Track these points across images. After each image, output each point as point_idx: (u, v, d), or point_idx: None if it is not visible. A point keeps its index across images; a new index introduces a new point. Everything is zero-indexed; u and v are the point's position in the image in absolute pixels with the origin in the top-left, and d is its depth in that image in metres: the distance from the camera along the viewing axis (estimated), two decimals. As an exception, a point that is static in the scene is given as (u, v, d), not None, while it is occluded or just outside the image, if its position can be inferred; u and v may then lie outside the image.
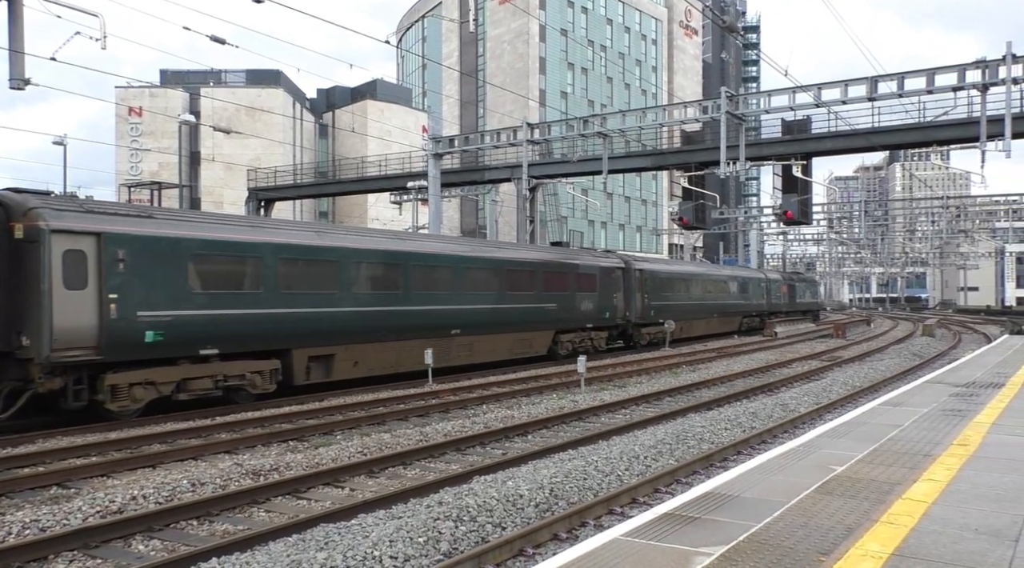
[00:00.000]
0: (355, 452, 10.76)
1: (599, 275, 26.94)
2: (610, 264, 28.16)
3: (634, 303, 29.10)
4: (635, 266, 29.70)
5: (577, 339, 25.93)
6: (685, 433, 11.70)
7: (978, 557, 4.54)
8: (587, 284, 26.11)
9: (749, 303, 43.37)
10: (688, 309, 34.32)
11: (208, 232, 14.68)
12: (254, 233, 15.65)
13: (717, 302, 38.32)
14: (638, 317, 29.46)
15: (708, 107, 28.43)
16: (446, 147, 34.38)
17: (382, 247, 18.59)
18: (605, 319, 27.24)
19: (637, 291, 29.32)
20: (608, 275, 27.56)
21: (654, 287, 30.71)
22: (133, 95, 61.07)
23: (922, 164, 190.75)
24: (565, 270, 25.05)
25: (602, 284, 27.03)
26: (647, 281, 30.18)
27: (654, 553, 4.73)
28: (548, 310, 23.86)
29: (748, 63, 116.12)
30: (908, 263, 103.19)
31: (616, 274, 28.12)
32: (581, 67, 75.08)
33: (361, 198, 61.31)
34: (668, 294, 32.03)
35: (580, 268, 25.83)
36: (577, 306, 25.39)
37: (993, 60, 23.27)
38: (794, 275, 55.00)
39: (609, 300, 27.42)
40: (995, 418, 9.54)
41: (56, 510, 7.86)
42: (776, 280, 48.75)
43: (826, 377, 20.53)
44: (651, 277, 30.71)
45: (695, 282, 35.69)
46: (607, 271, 27.61)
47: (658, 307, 30.92)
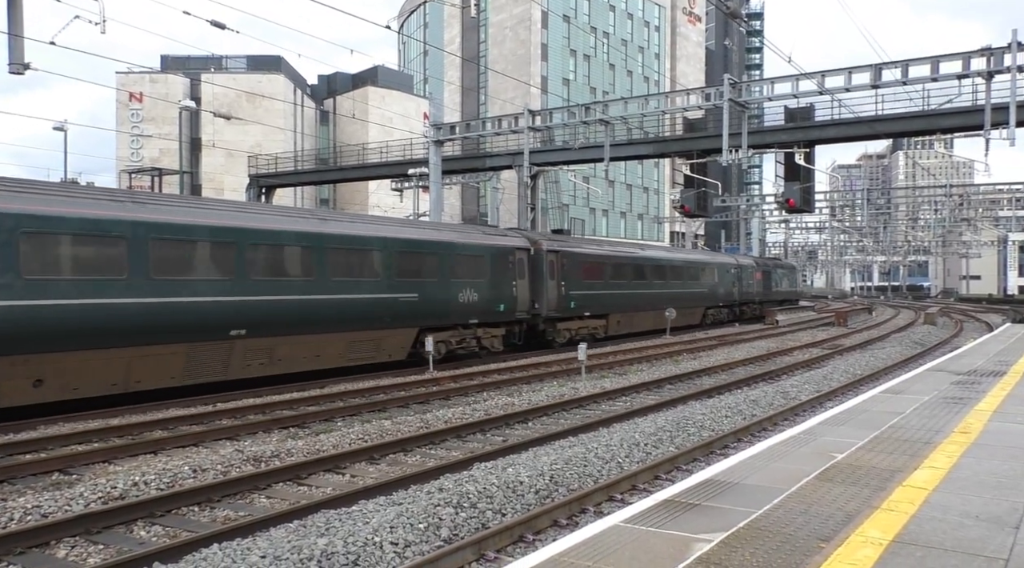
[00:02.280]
0: (356, 438, 10.79)
1: (490, 257, 21.61)
2: (507, 244, 22.62)
3: (545, 292, 23.87)
4: (546, 247, 24.32)
5: (455, 339, 20.58)
6: (685, 420, 11.71)
7: (978, 544, 4.54)
8: (470, 269, 20.81)
9: (715, 292, 37.92)
10: (626, 300, 29.19)
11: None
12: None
13: (669, 291, 32.71)
14: (552, 310, 24.30)
15: (711, 94, 28.31)
16: (447, 134, 34.28)
17: (90, 213, 12.82)
18: (499, 313, 21.92)
19: (550, 278, 24.18)
20: (504, 258, 22.18)
21: (574, 273, 25.55)
22: (133, 81, 60.88)
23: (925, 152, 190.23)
24: (432, 250, 19.65)
25: (495, 269, 21.72)
26: (565, 266, 24.95)
27: (654, 539, 4.73)
28: (404, 303, 18.54)
29: (751, 50, 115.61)
30: (910, 251, 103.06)
31: (517, 257, 22.80)
32: (583, 54, 74.74)
33: (362, 185, 61.23)
34: (596, 281, 26.91)
35: (458, 248, 20.50)
36: (453, 297, 20.12)
37: (998, 48, 23.15)
38: (770, 260, 49.74)
39: (505, 289, 22.10)
40: (997, 406, 9.53)
41: (58, 496, 7.88)
42: (749, 266, 43.28)
43: (827, 365, 20.53)
44: (570, 261, 25.38)
45: (636, 267, 30.43)
46: (502, 253, 22.15)
47: (581, 297, 25.87)
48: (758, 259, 47.53)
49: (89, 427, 11.62)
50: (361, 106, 65.67)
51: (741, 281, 41.25)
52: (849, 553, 4.37)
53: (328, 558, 5.79)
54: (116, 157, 61.53)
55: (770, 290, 46.56)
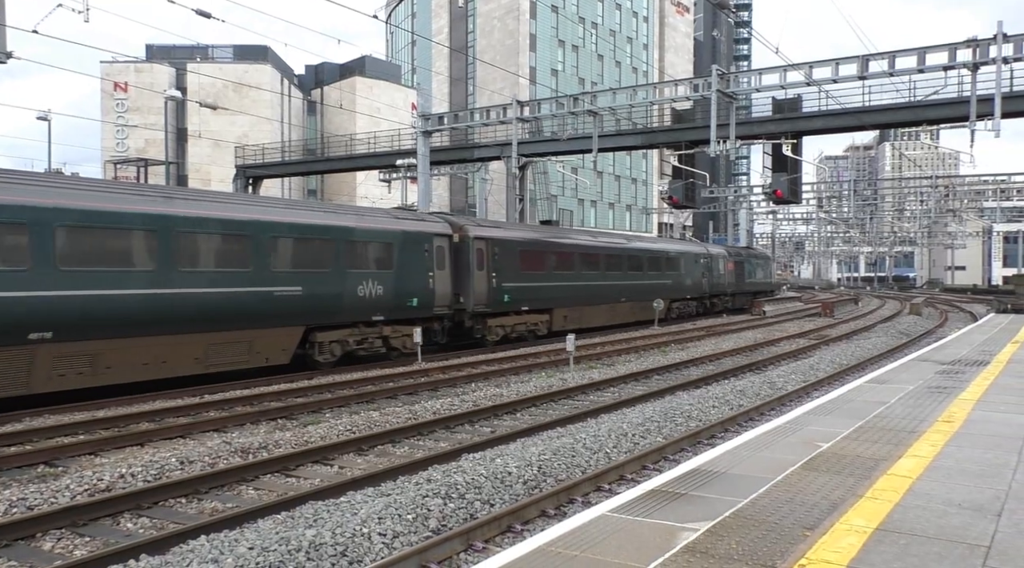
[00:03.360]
0: (344, 430, 10.78)
1: (399, 245, 19.06)
2: (420, 229, 19.94)
3: (472, 285, 21.39)
4: (473, 233, 21.69)
5: (355, 338, 18.11)
6: (673, 411, 11.76)
7: (961, 531, 4.59)
8: (373, 258, 18.31)
9: (680, 283, 34.79)
10: (575, 293, 26.45)
11: None
12: None
13: (627, 283, 29.88)
14: (481, 304, 21.80)
15: (699, 85, 28.33)
16: (435, 125, 34.18)
17: None
18: (411, 308, 19.37)
19: (478, 268, 21.67)
20: (417, 245, 19.63)
21: (510, 263, 22.89)
22: (118, 70, 60.36)
23: (912, 144, 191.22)
24: (321, 236, 17.07)
25: (405, 258, 19.19)
26: (497, 255, 22.35)
27: (641, 528, 4.76)
28: (284, 297, 16.12)
29: (739, 41, 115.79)
30: (896, 242, 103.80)
31: (435, 244, 20.26)
32: (572, 44, 74.58)
33: (350, 176, 61.03)
34: (536, 272, 24.26)
35: (356, 234, 17.92)
36: (349, 290, 17.62)
37: (984, 39, 23.27)
38: (744, 250, 46.48)
39: (419, 281, 19.54)
40: (980, 395, 9.63)
41: (43, 488, 7.85)
42: (720, 256, 40.05)
43: (813, 355, 20.66)
44: (503, 249, 22.69)
45: (586, 257, 27.43)
46: (414, 239, 19.59)
47: (517, 291, 23.17)
48: (730, 248, 44.39)
49: (75, 419, 11.56)
50: (349, 96, 65.36)
51: (711, 272, 38.39)
52: (833, 541, 4.41)
53: (316, 549, 5.79)
54: (101, 147, 61.02)
55: (743, 281, 43.40)
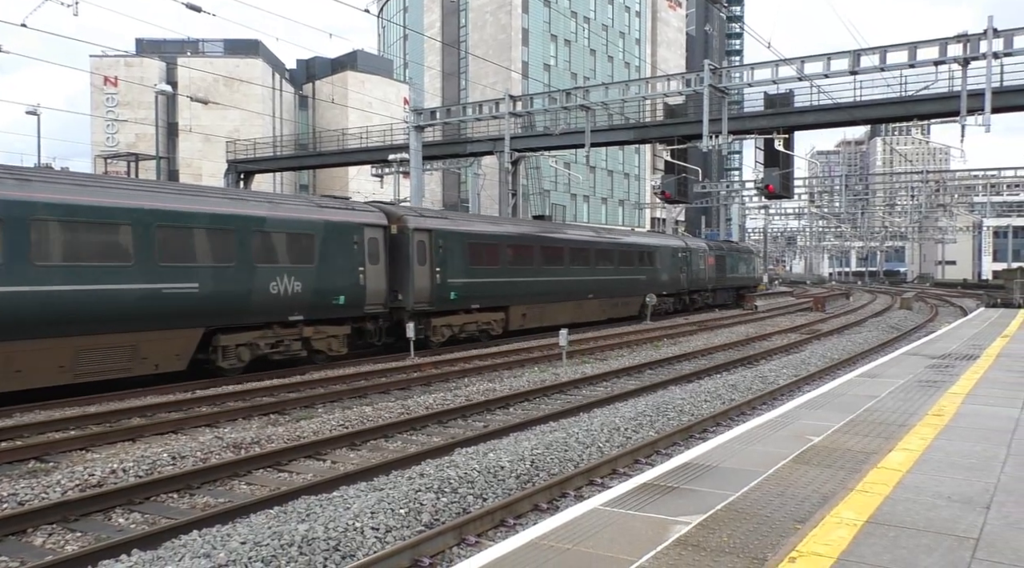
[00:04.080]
0: (337, 425, 10.78)
1: (321, 236, 17.20)
2: (348, 219, 18.04)
3: (411, 281, 19.55)
4: (413, 224, 19.80)
5: (267, 341, 16.20)
6: (665, 405, 11.80)
7: (950, 524, 4.62)
8: (288, 250, 16.44)
9: (655, 278, 33.11)
10: (534, 289, 24.64)
11: None
12: None
13: (595, 278, 28.17)
14: (423, 302, 19.96)
15: (691, 80, 28.33)
16: (428, 119, 34.10)
17: None
18: (337, 307, 17.56)
19: (420, 263, 19.87)
20: (344, 237, 17.76)
21: (457, 256, 21.24)
22: (108, 64, 59.92)
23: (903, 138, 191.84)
24: (222, 225, 15.14)
25: (329, 251, 17.35)
26: (442, 248, 20.61)
27: (633, 522, 4.78)
28: (176, 295, 14.14)
29: (732, 36, 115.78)
30: (887, 237, 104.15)
31: (367, 236, 18.36)
32: (564, 39, 74.46)
33: (342, 171, 60.80)
34: (488, 267, 22.53)
35: (267, 224, 16.02)
36: (259, 287, 15.70)
37: (974, 34, 23.32)
38: (725, 243, 44.66)
39: (347, 276, 17.73)
40: (970, 389, 9.69)
41: (34, 484, 7.83)
42: (699, 250, 38.33)
43: (805, 350, 20.74)
44: (449, 241, 20.96)
45: (548, 250, 25.66)
46: (340, 230, 17.70)
47: (466, 287, 21.51)
48: (711, 242, 42.83)
49: (66, 415, 11.52)
50: (340, 91, 65.11)
51: (690, 266, 36.67)
52: (824, 534, 4.44)
53: (309, 544, 5.80)
54: (91, 142, 60.66)
55: (725, 276, 41.69)
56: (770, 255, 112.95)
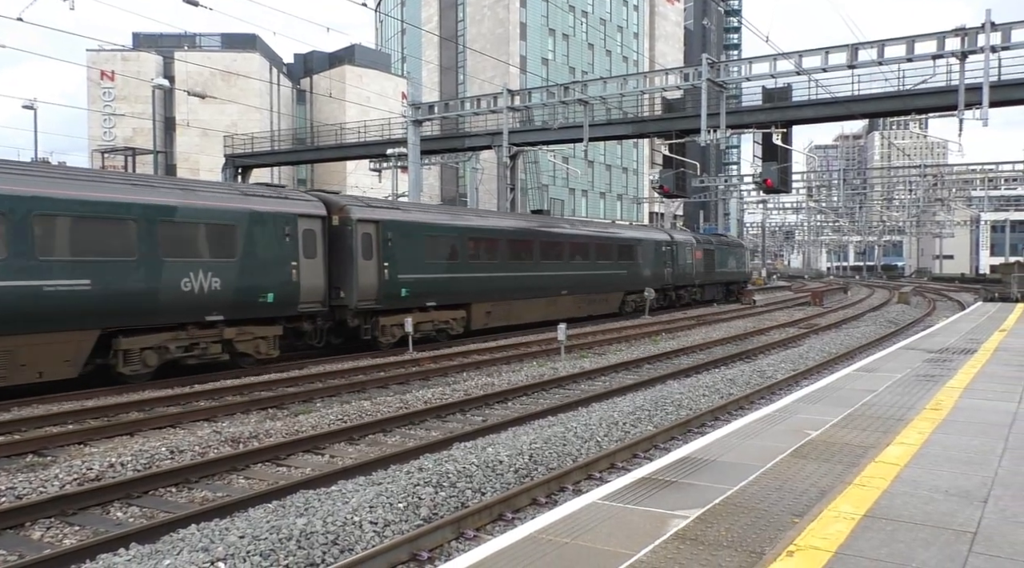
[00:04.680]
0: (335, 419, 10.78)
1: (245, 228, 15.48)
2: (278, 209, 16.28)
3: (355, 276, 17.81)
4: (357, 215, 18.07)
5: (180, 343, 14.48)
6: (664, 399, 11.81)
7: (948, 518, 4.63)
8: (205, 243, 14.71)
9: (637, 274, 31.28)
10: (500, 285, 22.95)
11: None
12: None
13: (569, 273, 26.51)
14: (369, 300, 18.28)
15: (689, 74, 28.32)
16: (426, 114, 34.06)
17: None
18: (264, 305, 15.81)
19: (365, 257, 18.15)
20: (273, 228, 16.04)
21: (409, 250, 19.50)
22: (105, 59, 59.77)
23: (901, 133, 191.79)
24: (123, 215, 13.50)
25: (253, 244, 15.62)
26: (391, 240, 18.91)
27: (631, 516, 4.78)
28: (64, 294, 12.56)
29: (729, 30, 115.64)
30: (885, 231, 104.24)
31: (302, 227, 16.70)
32: (562, 33, 74.33)
33: (340, 166, 60.73)
34: (446, 262, 20.90)
35: (178, 213, 14.22)
36: (169, 284, 13.99)
37: (972, 28, 23.33)
38: (714, 237, 43.13)
39: (277, 272, 16.02)
40: (967, 383, 9.70)
41: (32, 478, 7.82)
42: (686, 243, 36.41)
43: (803, 344, 20.76)
44: (399, 233, 19.23)
45: (515, 243, 23.85)
46: (267, 221, 15.97)
47: (420, 283, 19.75)
48: (699, 235, 41.25)
49: (64, 409, 11.52)
50: (338, 85, 64.97)
51: (675, 261, 34.87)
52: (822, 528, 4.44)
53: (307, 537, 5.80)
54: (88, 137, 60.52)
55: (713, 271, 39.87)
56: (768, 249, 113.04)
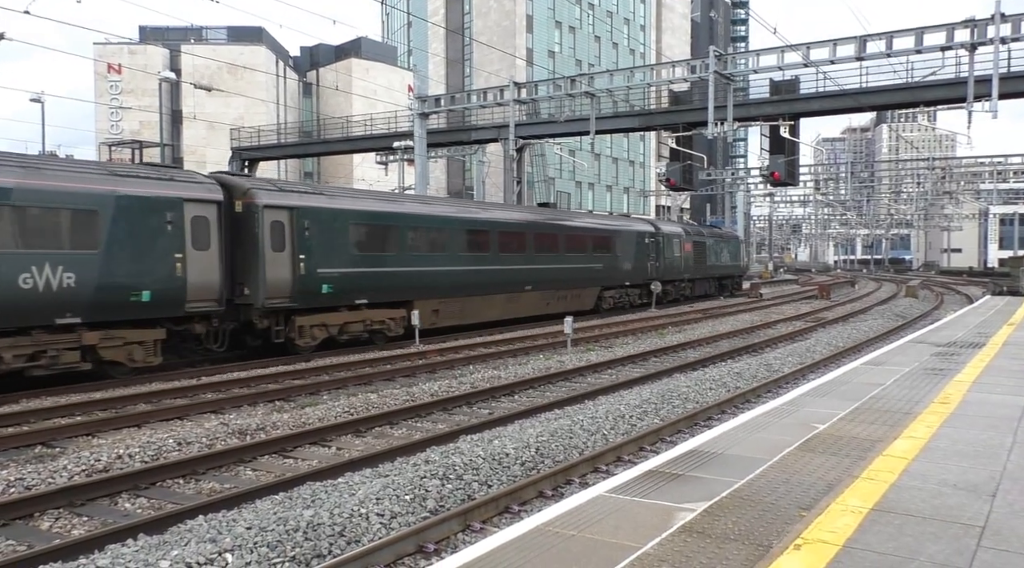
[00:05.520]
0: (342, 412, 10.80)
1: (110, 214, 13.41)
2: (157, 193, 14.08)
3: (261, 271, 15.70)
4: (264, 200, 15.93)
5: (21, 351, 12.40)
6: (670, 393, 11.79)
7: (956, 511, 4.61)
8: (53, 232, 12.75)
9: (616, 268, 29.15)
10: (451, 280, 20.77)
11: None
12: None
13: (532, 267, 24.07)
14: (279, 297, 16.09)
15: (696, 67, 28.19)
16: (432, 107, 33.99)
17: None
18: (137, 305, 13.76)
19: (275, 248, 16.00)
20: (149, 215, 13.87)
21: (330, 240, 17.27)
22: (112, 52, 59.81)
23: (909, 125, 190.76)
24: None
25: (122, 232, 13.55)
26: (307, 230, 16.66)
27: (638, 508, 4.78)
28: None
29: (737, 22, 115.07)
30: (893, 225, 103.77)
31: (189, 214, 14.54)
32: (569, 25, 74.06)
33: (346, 158, 60.73)
34: (377, 254, 18.57)
35: (14, 195, 12.31)
36: (2, 280, 12.06)
37: (982, 19, 23.14)
38: (706, 228, 40.62)
39: (156, 265, 13.95)
40: (975, 377, 9.66)
41: (41, 469, 7.87)
42: (674, 235, 33.92)
43: (810, 338, 20.70)
44: (320, 221, 17.03)
45: (465, 234, 21.55)
46: (142, 206, 13.86)
47: (344, 278, 17.49)
48: (690, 227, 39.06)
49: (72, 401, 11.57)
50: (344, 78, 64.91)
51: (661, 254, 32.54)
52: (829, 521, 4.43)
53: (314, 529, 5.81)
54: (95, 130, 60.64)
55: (705, 264, 37.45)
56: (775, 243, 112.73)
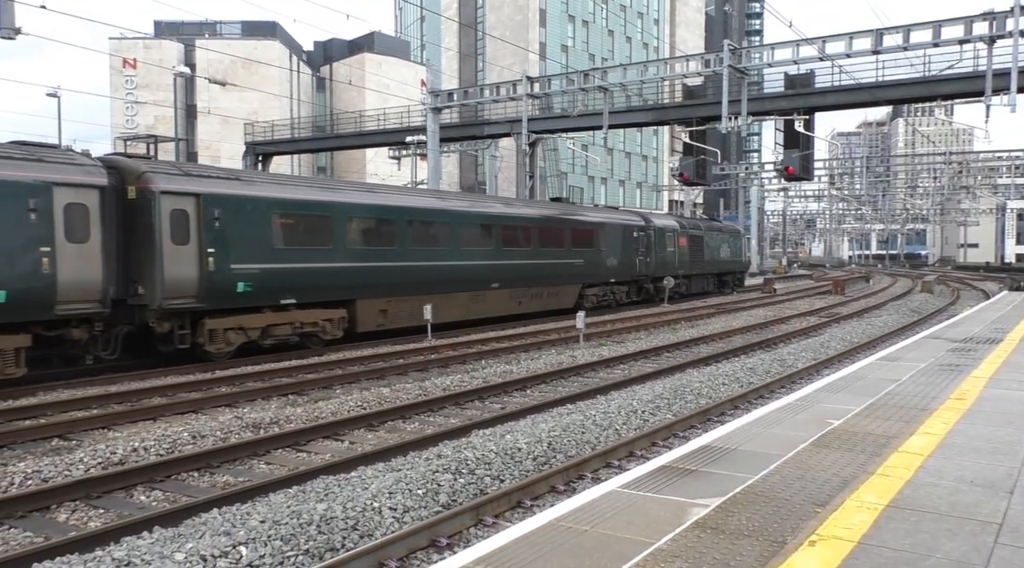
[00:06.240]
0: (354, 406, 10.83)
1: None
2: (16, 177, 12.18)
3: (157, 267, 13.60)
4: (162, 185, 13.77)
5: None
6: (683, 388, 11.76)
7: (973, 508, 4.57)
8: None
9: (599, 264, 27.12)
10: (394, 277, 18.52)
11: None
12: None
13: (498, 263, 22.05)
14: (181, 297, 14.00)
15: (710, 61, 28.06)
16: (445, 101, 34.02)
17: None
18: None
19: (175, 241, 13.90)
20: (6, 202, 11.96)
21: (248, 232, 15.21)
22: (127, 47, 60.13)
23: (926, 119, 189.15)
24: None
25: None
26: (218, 220, 14.62)
27: (651, 504, 4.76)
28: None
29: (751, 16, 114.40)
30: (908, 220, 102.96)
31: (59, 200, 12.61)
32: (582, 19, 73.82)
33: (359, 153, 60.84)
34: (309, 249, 16.45)
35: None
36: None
37: (1001, 12, 22.90)
38: (703, 221, 38.59)
39: (14, 261, 12.03)
40: (992, 373, 9.57)
41: (58, 461, 7.93)
42: (667, 229, 31.91)
43: (824, 333, 20.57)
44: (231, 211, 14.91)
45: (415, 225, 19.29)
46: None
47: (265, 275, 15.47)
48: (685, 220, 37.06)
49: (88, 394, 11.66)
50: (358, 73, 64.98)
51: (652, 249, 30.45)
52: (845, 517, 4.40)
53: (327, 523, 5.83)
54: (111, 124, 61.02)
55: (702, 260, 35.13)
56: (789, 238, 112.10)
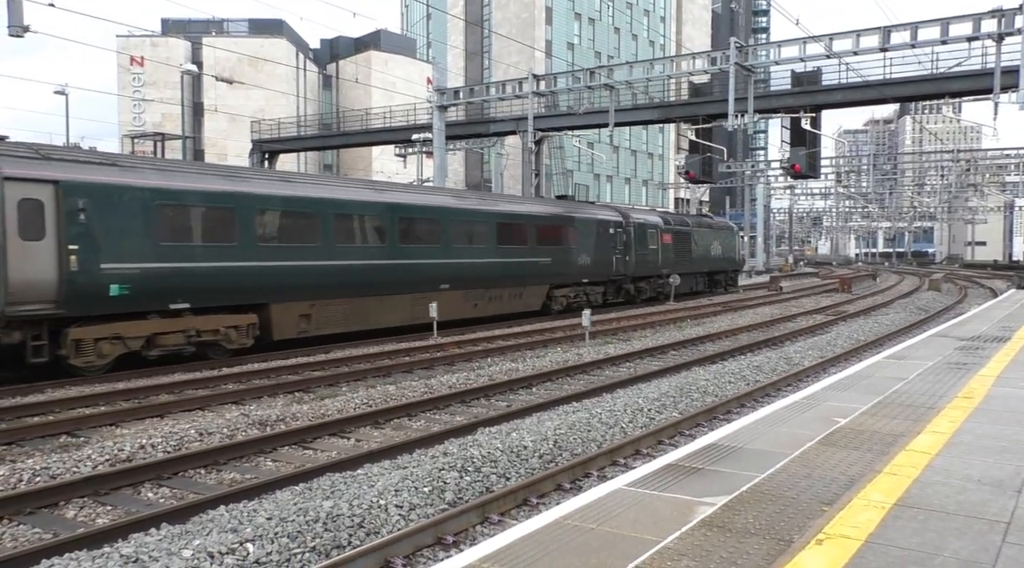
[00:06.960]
0: (361, 403, 10.84)
1: None
2: None
3: (0, 265, 11.75)
4: (8, 170, 11.92)
5: None
6: (689, 386, 11.74)
7: (980, 507, 4.56)
8: None
9: (566, 262, 24.87)
10: (317, 278, 16.49)
11: None
12: None
13: (448, 261, 20.07)
14: (40, 301, 12.15)
15: (717, 58, 27.99)
16: (451, 99, 34.01)
17: None
18: None
19: (23, 236, 12.01)
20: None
21: (126, 226, 13.17)
22: (134, 44, 60.28)
23: (933, 117, 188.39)
24: None
25: None
26: (85, 212, 12.59)
27: (657, 502, 4.76)
28: None
29: (758, 13, 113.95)
30: (916, 217, 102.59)
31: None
32: (588, 17, 73.72)
33: (365, 151, 60.88)
34: (207, 245, 14.42)
35: None
36: None
37: (1010, 9, 22.79)
38: (691, 217, 36.83)
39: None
40: (1000, 371, 9.53)
41: (66, 458, 7.96)
42: (650, 225, 29.95)
43: (831, 331, 20.52)
44: (103, 202, 12.84)
45: (345, 218, 17.15)
46: None
47: (147, 276, 13.48)
48: (671, 216, 34.97)
49: (96, 391, 11.71)
50: (364, 70, 65.02)
51: (631, 247, 28.40)
52: (852, 516, 4.39)
53: (334, 520, 5.84)
54: (118, 122, 61.18)
55: (689, 258, 33.07)
56: (796, 236, 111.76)
